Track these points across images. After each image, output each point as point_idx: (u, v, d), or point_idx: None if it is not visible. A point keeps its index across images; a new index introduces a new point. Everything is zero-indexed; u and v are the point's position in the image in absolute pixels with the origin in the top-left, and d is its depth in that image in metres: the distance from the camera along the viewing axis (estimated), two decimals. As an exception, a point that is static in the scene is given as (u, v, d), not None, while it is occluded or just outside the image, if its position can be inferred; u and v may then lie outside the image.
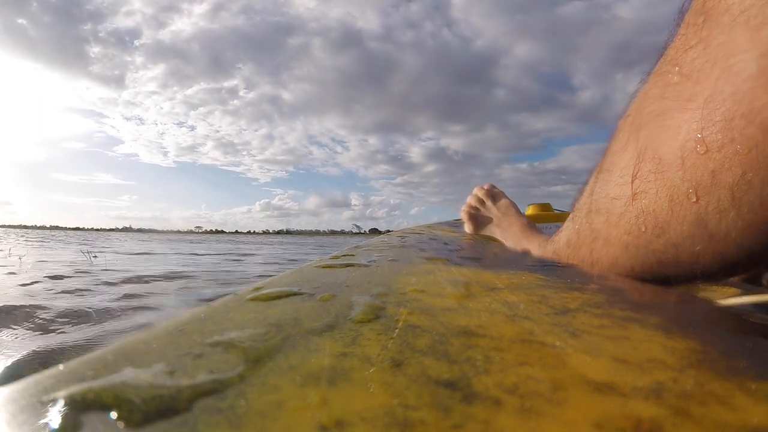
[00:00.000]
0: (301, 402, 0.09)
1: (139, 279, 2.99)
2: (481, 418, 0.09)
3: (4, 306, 1.79)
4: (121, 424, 0.09)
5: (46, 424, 0.09)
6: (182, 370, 0.11)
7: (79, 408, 0.09)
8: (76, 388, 0.10)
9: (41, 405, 0.10)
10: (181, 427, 0.09)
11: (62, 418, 0.09)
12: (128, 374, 0.11)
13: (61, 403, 0.10)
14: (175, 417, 0.09)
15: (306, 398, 0.10)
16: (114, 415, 0.09)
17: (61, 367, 0.11)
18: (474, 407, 0.09)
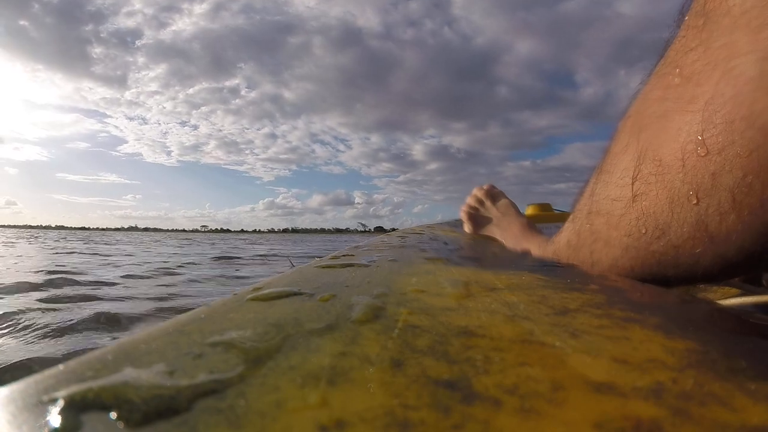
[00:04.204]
0: (301, 402, 0.09)
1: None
2: (481, 418, 0.09)
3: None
4: (121, 424, 0.09)
5: (46, 424, 0.09)
6: (182, 370, 0.11)
7: (79, 408, 0.09)
8: (76, 388, 0.10)
9: (41, 405, 0.10)
10: (181, 427, 0.09)
11: (62, 418, 0.09)
12: (128, 374, 0.11)
13: (61, 403, 0.10)
14: (175, 417, 0.09)
15: (306, 398, 0.10)
16: (114, 415, 0.09)
17: (61, 367, 0.11)
18: (474, 407, 0.09)
